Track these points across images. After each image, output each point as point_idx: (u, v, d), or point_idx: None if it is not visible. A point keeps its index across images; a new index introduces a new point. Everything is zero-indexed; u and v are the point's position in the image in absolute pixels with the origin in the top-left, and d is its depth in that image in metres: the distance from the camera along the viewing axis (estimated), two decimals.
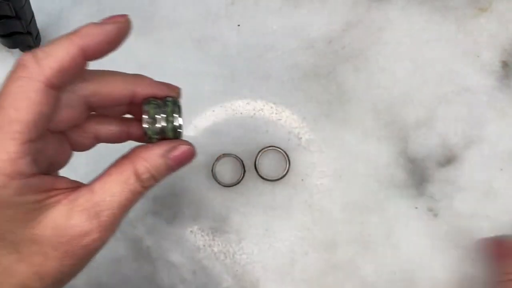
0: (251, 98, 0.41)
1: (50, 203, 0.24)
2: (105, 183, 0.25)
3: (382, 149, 0.40)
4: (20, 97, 0.22)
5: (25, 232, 0.23)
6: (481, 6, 0.42)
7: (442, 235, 0.39)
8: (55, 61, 0.23)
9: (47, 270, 0.24)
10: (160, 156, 0.26)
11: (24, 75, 0.22)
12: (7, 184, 0.22)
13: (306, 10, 0.42)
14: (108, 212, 0.24)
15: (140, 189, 0.25)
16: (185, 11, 0.42)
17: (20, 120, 0.22)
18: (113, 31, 0.25)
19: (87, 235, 0.24)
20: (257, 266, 0.39)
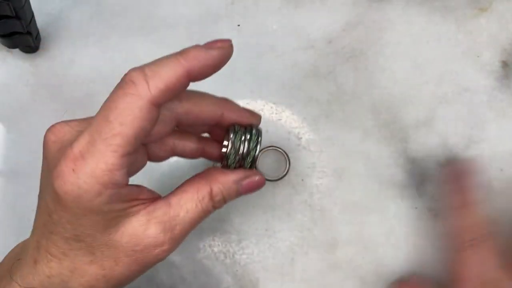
0: (251, 98, 0.41)
1: (130, 212, 0.25)
2: (181, 199, 0.27)
3: (382, 149, 0.40)
4: (127, 113, 0.23)
5: (103, 237, 0.25)
6: (481, 6, 0.42)
7: (442, 235, 0.39)
8: (162, 81, 0.24)
9: (114, 274, 0.26)
10: (234, 182, 0.28)
11: (132, 92, 0.24)
12: (102, 193, 0.23)
13: (306, 10, 0.42)
14: (180, 227, 0.26)
15: (211, 209, 0.27)
16: (185, 11, 0.42)
17: (123, 134, 0.23)
18: (218, 56, 0.26)
19: (159, 246, 0.26)
20: (257, 266, 0.39)
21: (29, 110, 0.41)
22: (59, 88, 0.41)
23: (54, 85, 0.41)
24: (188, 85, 0.26)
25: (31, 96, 0.41)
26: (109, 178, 0.23)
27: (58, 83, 0.41)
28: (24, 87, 0.41)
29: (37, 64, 0.41)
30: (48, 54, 0.42)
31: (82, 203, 0.24)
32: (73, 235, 0.25)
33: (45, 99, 0.41)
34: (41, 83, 0.41)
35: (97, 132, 0.23)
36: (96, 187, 0.23)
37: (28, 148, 0.40)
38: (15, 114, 0.41)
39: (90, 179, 0.23)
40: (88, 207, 0.24)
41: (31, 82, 0.41)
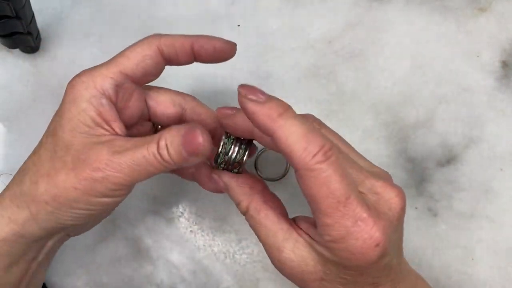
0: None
1: (98, 132, 0.28)
2: (139, 139, 0.28)
3: (382, 149, 0.40)
4: (137, 48, 0.30)
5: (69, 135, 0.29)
6: (481, 7, 0.42)
7: (442, 235, 0.39)
8: (172, 39, 0.30)
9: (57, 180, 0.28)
10: (177, 131, 0.28)
11: (148, 38, 0.31)
12: (88, 87, 0.29)
13: (306, 10, 0.42)
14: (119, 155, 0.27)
15: (155, 152, 0.27)
16: (185, 11, 0.42)
17: (129, 57, 0.30)
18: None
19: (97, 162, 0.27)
20: (257, 266, 0.39)
21: (29, 110, 0.41)
22: (59, 88, 0.41)
23: (54, 85, 0.41)
24: (189, 55, 0.31)
25: (31, 96, 0.41)
26: (101, 80, 0.29)
27: (58, 83, 0.41)
28: (24, 87, 0.41)
29: (38, 64, 0.41)
30: (49, 54, 0.42)
31: (73, 91, 0.29)
32: (53, 128, 0.29)
33: (45, 99, 0.41)
34: (41, 83, 0.41)
35: (114, 56, 0.30)
36: (89, 81, 0.29)
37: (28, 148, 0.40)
38: (15, 114, 0.41)
39: (89, 74, 0.29)
40: (75, 95, 0.29)
41: (31, 82, 0.41)
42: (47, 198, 0.28)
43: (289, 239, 0.28)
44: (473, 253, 0.39)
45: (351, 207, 0.24)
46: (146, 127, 0.33)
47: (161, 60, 0.30)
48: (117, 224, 0.40)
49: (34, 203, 0.28)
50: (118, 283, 0.39)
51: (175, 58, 0.30)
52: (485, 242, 0.39)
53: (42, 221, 0.29)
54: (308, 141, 0.24)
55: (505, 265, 0.39)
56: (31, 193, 0.28)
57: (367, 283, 0.27)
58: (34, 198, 0.28)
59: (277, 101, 0.26)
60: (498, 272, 0.38)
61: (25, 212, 0.28)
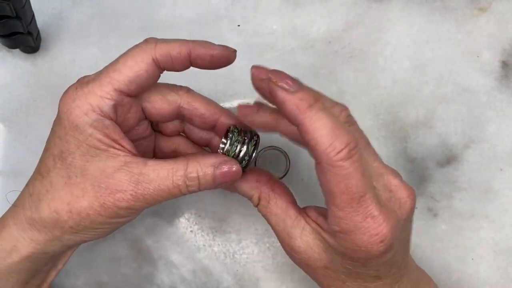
0: (251, 98, 0.41)
1: (110, 153, 0.28)
2: (157, 164, 0.28)
3: (382, 149, 0.40)
4: (131, 59, 0.29)
5: (81, 161, 0.28)
6: (480, 7, 0.42)
7: (442, 235, 0.39)
8: (168, 46, 0.29)
9: (77, 206, 0.28)
10: (212, 164, 0.29)
11: (142, 46, 0.29)
12: (89, 112, 0.28)
13: (306, 10, 0.42)
14: (147, 186, 0.28)
15: (183, 184, 0.28)
16: (185, 11, 0.42)
17: (122, 72, 0.28)
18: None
19: (121, 192, 0.28)
20: (257, 266, 0.39)
21: (30, 110, 0.41)
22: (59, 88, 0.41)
23: (55, 85, 0.41)
24: (186, 63, 0.30)
25: (32, 96, 0.41)
26: (97, 102, 0.28)
27: (59, 83, 0.41)
28: (24, 87, 0.41)
29: (38, 64, 0.41)
30: (49, 54, 0.42)
31: (72, 117, 0.28)
32: (59, 152, 0.29)
33: (45, 99, 0.41)
34: (41, 83, 0.41)
35: (106, 68, 0.29)
36: (86, 105, 0.28)
37: (28, 148, 0.40)
38: (15, 114, 0.41)
39: (84, 97, 0.28)
40: (75, 122, 0.28)
41: (31, 82, 0.41)
42: (71, 224, 0.28)
43: (297, 226, 0.29)
44: (473, 253, 0.39)
45: (364, 205, 0.25)
46: (143, 125, 0.33)
47: (156, 71, 0.29)
48: None
49: (57, 228, 0.29)
50: (118, 283, 0.39)
51: (170, 66, 0.29)
52: (485, 242, 0.39)
53: (66, 240, 0.29)
54: (335, 136, 0.24)
55: (505, 265, 0.39)
56: (52, 221, 0.29)
57: (369, 275, 0.28)
58: (57, 225, 0.29)
59: (308, 91, 0.26)
60: (498, 272, 0.38)
61: (48, 235, 0.29)
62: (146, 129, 0.33)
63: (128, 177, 0.28)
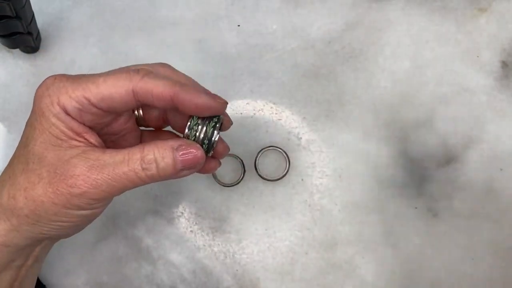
0: (251, 98, 0.41)
1: (71, 144, 0.28)
2: (116, 151, 0.28)
3: (382, 149, 0.40)
4: (111, 80, 0.28)
5: (40, 148, 0.28)
6: (480, 7, 0.42)
7: (441, 235, 0.39)
8: (154, 83, 0.28)
9: (33, 193, 0.28)
10: (170, 147, 0.28)
11: (130, 73, 0.28)
12: (54, 103, 0.28)
13: (306, 10, 0.42)
14: (104, 172, 0.27)
15: (139, 168, 0.27)
16: (185, 11, 0.42)
17: (98, 85, 0.28)
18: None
19: (76, 177, 0.27)
20: (257, 266, 0.39)
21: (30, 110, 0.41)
22: None
23: None
24: (167, 103, 0.29)
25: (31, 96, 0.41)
26: (65, 100, 0.28)
27: None
28: (24, 87, 0.41)
29: (38, 64, 0.42)
30: (49, 54, 0.42)
31: (41, 104, 0.28)
32: (25, 138, 0.29)
33: None
34: None
35: (89, 76, 0.28)
36: (54, 97, 0.28)
37: None
38: (15, 114, 0.41)
39: (57, 89, 0.28)
40: (42, 109, 0.28)
41: (31, 82, 0.41)
42: (26, 212, 0.28)
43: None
44: (473, 253, 0.39)
45: None
46: (123, 117, 0.32)
47: (132, 101, 0.28)
48: (117, 224, 0.40)
49: (14, 216, 0.28)
50: (118, 283, 0.39)
51: (150, 102, 0.28)
52: (485, 242, 0.39)
53: (24, 231, 0.29)
54: None
55: (505, 265, 0.39)
56: (10, 207, 0.28)
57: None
58: (14, 212, 0.28)
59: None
60: (498, 272, 0.38)
61: (7, 224, 0.28)
62: (125, 123, 0.32)
63: (83, 162, 0.27)
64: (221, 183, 0.39)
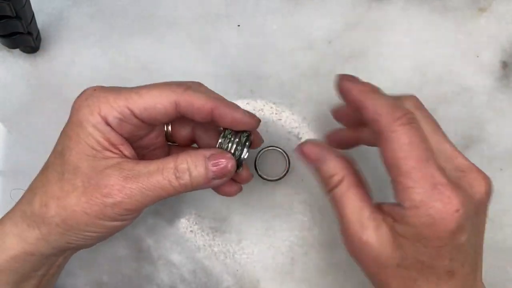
0: (251, 98, 0.41)
1: (106, 155, 0.28)
2: (149, 162, 0.28)
3: None
4: (155, 91, 0.29)
5: (76, 158, 0.28)
6: (480, 7, 0.42)
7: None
8: (198, 98, 0.29)
9: (66, 202, 0.28)
10: (203, 156, 0.29)
11: (174, 86, 0.29)
12: (94, 114, 0.28)
13: (306, 10, 0.42)
14: (138, 182, 0.27)
15: (173, 177, 0.28)
16: (185, 11, 0.42)
17: (143, 96, 0.29)
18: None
19: (110, 187, 0.27)
20: (257, 266, 0.39)
21: (30, 110, 0.41)
22: (59, 88, 0.41)
23: (55, 85, 0.41)
24: (206, 117, 0.30)
25: (32, 96, 0.41)
26: (106, 110, 0.28)
27: (59, 83, 0.41)
28: (24, 87, 0.41)
29: (38, 64, 0.42)
30: (49, 54, 0.42)
31: (79, 114, 0.28)
32: (61, 148, 0.29)
33: (45, 99, 0.41)
34: (41, 83, 0.41)
35: (132, 87, 0.29)
36: (95, 107, 0.28)
37: (29, 148, 0.40)
38: (15, 114, 0.41)
39: (96, 100, 0.28)
40: (80, 118, 0.28)
41: (31, 82, 0.41)
42: (57, 221, 0.28)
43: (374, 219, 0.27)
44: None
45: (430, 170, 0.25)
46: (154, 133, 0.32)
47: (174, 112, 0.29)
48: None
49: (44, 224, 0.28)
50: (118, 283, 0.39)
51: (190, 114, 0.29)
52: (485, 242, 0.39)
53: (52, 241, 0.29)
54: (393, 108, 0.26)
55: (505, 265, 0.39)
56: (41, 215, 0.28)
57: (443, 268, 0.26)
58: (45, 220, 0.28)
59: (368, 83, 0.29)
60: (498, 272, 0.38)
61: (36, 232, 0.29)
62: (157, 137, 0.33)
63: (117, 172, 0.27)
64: None
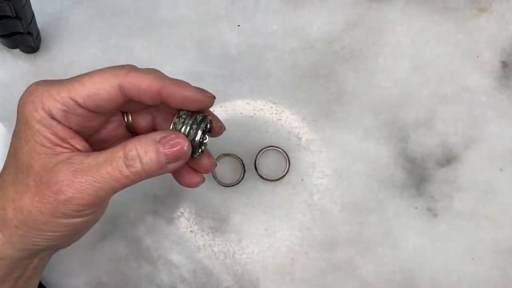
0: (251, 98, 0.41)
1: (56, 151, 0.27)
2: (99, 153, 0.27)
3: (382, 149, 0.40)
4: (98, 77, 0.28)
5: (27, 157, 0.27)
6: (481, 7, 0.42)
7: (441, 235, 0.39)
8: (140, 76, 0.28)
9: (21, 203, 0.27)
10: (152, 140, 0.27)
11: (115, 69, 0.28)
12: (38, 109, 0.27)
13: (306, 10, 0.42)
14: (89, 176, 0.26)
15: (122, 165, 0.26)
16: (185, 11, 0.42)
17: (84, 84, 0.27)
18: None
19: (60, 184, 0.26)
20: (257, 266, 0.39)
21: None
22: None
23: None
24: (154, 98, 0.28)
25: None
26: (49, 103, 0.27)
27: None
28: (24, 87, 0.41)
29: (38, 64, 0.42)
30: (49, 54, 0.42)
31: (24, 111, 0.28)
32: (13, 149, 0.28)
33: None
34: None
35: (74, 77, 0.28)
36: (38, 102, 0.27)
37: None
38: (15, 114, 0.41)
39: (40, 95, 0.27)
40: (26, 116, 0.27)
41: (31, 82, 0.41)
42: (16, 223, 0.27)
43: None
44: (473, 253, 0.39)
45: None
46: (113, 123, 0.31)
47: (119, 97, 0.28)
48: (117, 224, 0.40)
49: (5, 228, 0.27)
50: (118, 283, 0.39)
51: (137, 97, 0.28)
52: (485, 242, 0.39)
53: (16, 243, 0.28)
54: None
55: (505, 265, 0.39)
56: (1, 218, 0.27)
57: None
58: (5, 223, 0.27)
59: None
60: (498, 272, 0.38)
61: (0, 236, 0.28)
62: (116, 129, 0.31)
63: (66, 167, 0.26)
64: (221, 183, 0.39)
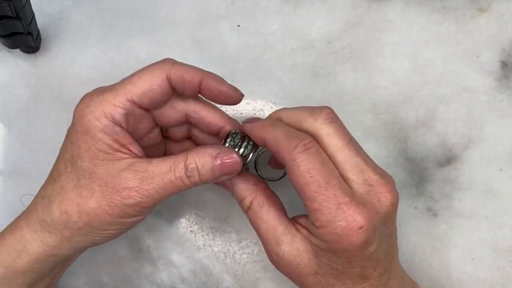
0: (251, 98, 0.41)
1: (117, 157, 0.30)
2: (161, 161, 0.30)
3: (382, 149, 0.40)
4: (147, 74, 0.30)
5: (90, 164, 0.30)
6: (480, 7, 0.42)
7: (441, 235, 0.39)
8: (183, 69, 0.31)
9: (86, 206, 0.29)
10: (209, 154, 0.30)
11: (159, 64, 0.31)
12: (100, 118, 0.29)
13: (306, 10, 0.42)
14: (153, 182, 0.29)
15: (184, 176, 0.29)
16: (185, 11, 0.42)
17: (137, 85, 0.30)
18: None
19: (128, 190, 0.29)
20: (257, 266, 0.39)
21: (30, 110, 0.41)
22: (59, 88, 0.41)
23: (55, 85, 0.41)
24: (195, 89, 0.31)
25: (32, 96, 0.41)
26: (110, 109, 0.29)
27: (59, 83, 0.41)
28: (24, 87, 0.41)
29: (38, 64, 0.42)
30: (49, 55, 0.42)
31: (84, 122, 0.29)
32: (70, 156, 0.30)
33: (45, 99, 0.41)
34: (41, 83, 0.41)
35: (123, 80, 0.30)
36: (99, 111, 0.29)
37: (29, 148, 0.40)
38: (15, 114, 0.41)
39: (98, 104, 0.29)
40: (87, 127, 0.29)
41: (31, 82, 0.41)
42: (80, 225, 0.29)
43: (287, 233, 0.30)
44: (473, 252, 0.39)
45: (332, 191, 0.27)
46: (154, 133, 0.34)
47: (169, 89, 0.31)
48: None
49: (67, 229, 0.30)
50: (118, 283, 0.39)
51: (181, 89, 0.31)
52: (485, 242, 0.39)
53: (75, 242, 0.30)
54: (290, 137, 0.28)
55: (505, 264, 0.39)
56: (62, 222, 0.29)
57: (356, 273, 0.28)
58: (67, 226, 0.29)
59: (266, 120, 0.31)
60: (498, 272, 0.39)
61: (58, 237, 0.30)
62: (157, 137, 0.34)
63: (133, 175, 0.29)
64: None
